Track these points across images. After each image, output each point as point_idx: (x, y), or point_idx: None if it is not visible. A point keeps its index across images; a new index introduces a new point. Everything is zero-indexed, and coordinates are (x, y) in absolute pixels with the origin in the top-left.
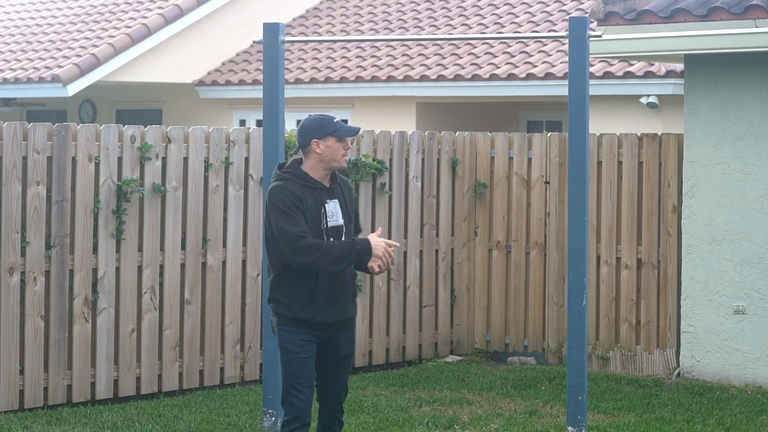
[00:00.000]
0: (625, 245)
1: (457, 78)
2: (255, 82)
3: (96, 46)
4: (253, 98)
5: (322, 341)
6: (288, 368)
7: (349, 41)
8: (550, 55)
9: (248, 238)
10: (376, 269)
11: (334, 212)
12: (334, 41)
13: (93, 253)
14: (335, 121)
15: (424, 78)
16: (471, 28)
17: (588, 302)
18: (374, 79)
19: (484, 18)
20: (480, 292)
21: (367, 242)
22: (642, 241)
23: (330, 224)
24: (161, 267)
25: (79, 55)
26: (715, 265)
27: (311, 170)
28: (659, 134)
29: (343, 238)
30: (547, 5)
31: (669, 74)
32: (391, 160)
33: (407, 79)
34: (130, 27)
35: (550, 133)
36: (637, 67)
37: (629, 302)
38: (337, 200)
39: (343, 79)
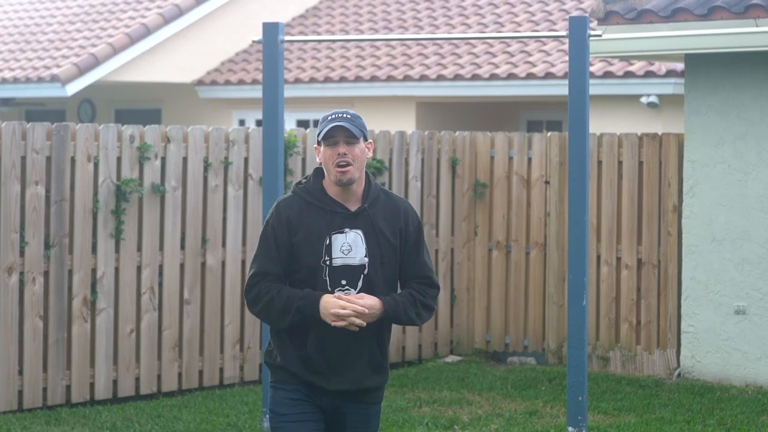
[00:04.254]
0: (626, 245)
1: (457, 78)
2: (254, 81)
3: (95, 46)
4: (253, 98)
5: (324, 411)
6: None
7: (349, 41)
8: (550, 55)
9: (248, 238)
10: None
11: (352, 246)
12: (334, 41)
13: (92, 253)
14: (331, 117)
15: (423, 78)
16: (471, 27)
17: (588, 302)
18: (374, 78)
19: (484, 18)
20: (480, 292)
21: (315, 299)
22: (642, 241)
23: (338, 262)
24: (160, 267)
25: (78, 55)
26: (716, 264)
27: (328, 184)
28: (659, 134)
29: (359, 285)
30: (547, 5)
31: (669, 74)
32: (390, 159)
33: (407, 78)
34: (129, 26)
35: (550, 133)
36: (638, 66)
37: (629, 302)
38: (360, 231)
39: (342, 79)
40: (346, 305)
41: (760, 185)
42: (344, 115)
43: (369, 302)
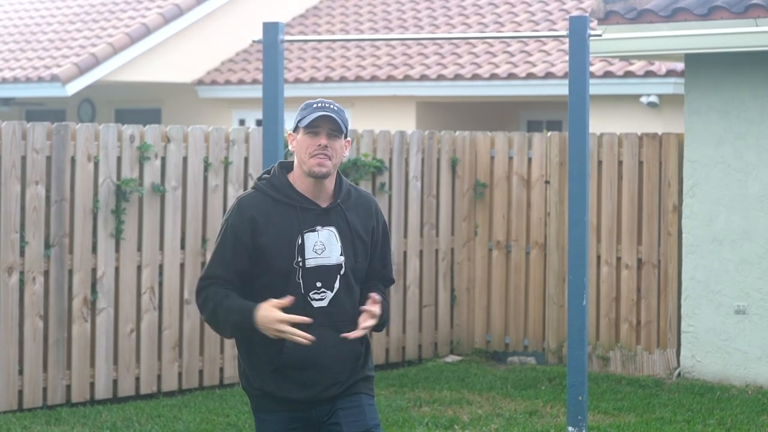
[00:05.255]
0: (626, 245)
1: (457, 78)
2: (254, 81)
3: (95, 46)
4: (253, 98)
5: (315, 420)
6: None
7: (349, 40)
8: (551, 55)
9: None
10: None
11: (325, 245)
12: (334, 40)
13: (92, 252)
14: (316, 105)
15: (424, 78)
16: (471, 27)
17: (588, 302)
18: (374, 78)
19: (484, 17)
20: (480, 292)
21: (250, 313)
22: (642, 241)
23: (312, 263)
24: (160, 267)
25: (78, 55)
26: (716, 264)
27: (297, 178)
28: (660, 134)
29: (335, 286)
30: (547, 4)
31: (669, 74)
32: (390, 159)
33: (407, 78)
34: (129, 26)
35: (550, 133)
36: (638, 66)
37: (629, 302)
38: (334, 228)
39: (342, 79)
40: (283, 318)
41: (760, 185)
42: (331, 106)
43: (377, 312)
